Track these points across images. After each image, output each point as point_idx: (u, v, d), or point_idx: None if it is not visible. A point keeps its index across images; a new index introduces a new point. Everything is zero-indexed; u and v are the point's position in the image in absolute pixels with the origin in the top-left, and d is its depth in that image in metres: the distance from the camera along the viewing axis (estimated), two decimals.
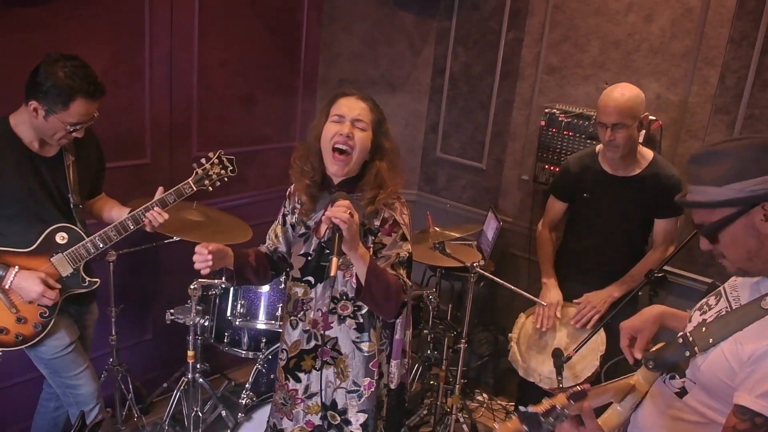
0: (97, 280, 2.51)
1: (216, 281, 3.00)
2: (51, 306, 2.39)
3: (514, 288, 2.92)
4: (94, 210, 2.68)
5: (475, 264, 2.93)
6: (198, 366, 3.06)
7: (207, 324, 3.04)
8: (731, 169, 1.38)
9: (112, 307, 3.10)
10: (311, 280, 2.07)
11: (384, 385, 2.13)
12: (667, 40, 3.17)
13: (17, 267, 2.32)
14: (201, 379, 3.09)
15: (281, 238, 2.19)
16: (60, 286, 2.39)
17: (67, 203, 2.44)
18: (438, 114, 4.16)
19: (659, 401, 1.56)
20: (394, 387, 2.14)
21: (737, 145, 1.39)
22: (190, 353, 2.94)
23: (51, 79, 2.18)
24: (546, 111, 3.49)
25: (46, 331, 2.41)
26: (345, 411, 2.09)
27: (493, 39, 3.81)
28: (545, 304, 2.88)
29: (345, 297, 2.03)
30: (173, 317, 2.95)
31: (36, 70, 2.21)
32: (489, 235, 3.50)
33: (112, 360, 3.18)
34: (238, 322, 3.00)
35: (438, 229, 3.43)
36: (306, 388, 2.12)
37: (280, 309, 2.95)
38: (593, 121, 3.20)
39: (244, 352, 3.12)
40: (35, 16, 2.73)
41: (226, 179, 2.61)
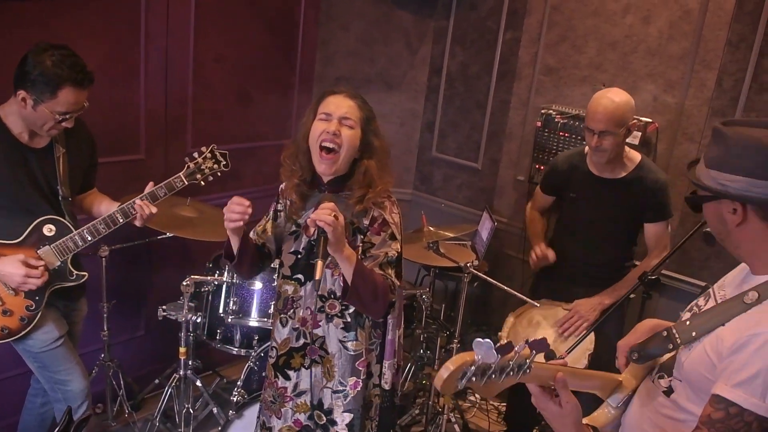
0: (85, 274, 2.48)
1: (209, 278, 2.99)
2: (38, 299, 2.37)
3: (508, 288, 2.92)
4: (84, 205, 2.65)
5: (468, 264, 2.93)
6: (190, 363, 3.05)
7: (199, 321, 3.02)
8: (719, 156, 1.41)
9: (104, 303, 3.08)
10: (301, 278, 2.06)
11: (374, 385, 2.11)
12: (664, 42, 3.16)
13: None
14: (193, 376, 3.08)
15: (271, 233, 2.17)
16: (43, 263, 2.34)
17: (56, 195, 2.42)
18: (434, 113, 4.16)
19: (648, 400, 1.56)
20: (388, 387, 2.13)
21: (738, 134, 1.40)
22: (182, 350, 2.94)
23: (39, 68, 2.16)
24: (542, 112, 3.48)
25: (32, 324, 2.39)
26: (331, 411, 2.08)
27: (490, 39, 3.81)
28: (538, 305, 2.88)
29: (333, 296, 2.02)
30: (165, 313, 2.94)
31: (24, 59, 2.19)
32: (483, 235, 3.49)
33: (103, 356, 3.17)
34: (231, 319, 2.99)
35: (432, 228, 3.43)
36: (295, 386, 2.11)
37: (272, 307, 2.94)
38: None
39: (236, 350, 3.11)
40: (31, 11, 2.71)
41: (219, 174, 2.57)
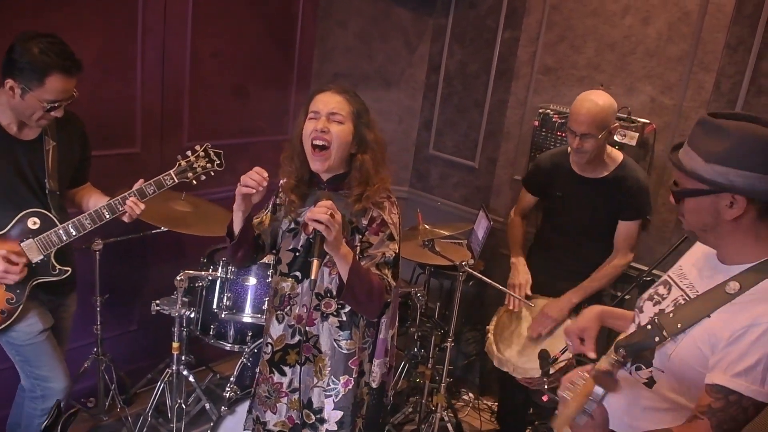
0: (68, 269, 2.44)
1: (203, 273, 2.98)
2: (18, 292, 2.33)
3: (503, 288, 2.92)
4: (77, 199, 2.62)
5: (464, 263, 2.93)
6: (183, 358, 3.04)
7: (193, 316, 3.01)
8: (723, 151, 1.41)
9: (97, 297, 3.07)
10: (298, 275, 2.06)
11: (365, 384, 2.11)
12: (663, 44, 3.16)
13: None
14: (185, 372, 3.06)
15: (268, 226, 2.16)
16: (25, 261, 2.31)
17: (43, 189, 2.38)
18: (432, 111, 4.15)
19: (627, 392, 1.58)
20: (376, 386, 2.12)
21: (741, 129, 1.41)
22: (175, 345, 2.93)
23: (26, 56, 2.13)
24: (540, 111, 3.48)
25: (13, 317, 2.35)
26: (321, 409, 2.08)
27: (489, 37, 3.80)
28: (532, 305, 2.88)
29: (329, 294, 2.01)
30: (159, 308, 2.93)
31: (11, 48, 2.17)
32: (479, 234, 3.49)
33: (96, 350, 3.16)
34: (224, 315, 2.97)
35: (428, 226, 3.42)
36: (290, 382, 2.11)
37: (266, 303, 2.93)
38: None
39: (229, 345, 3.09)
40: (27, 3, 2.69)
41: (212, 173, 2.54)
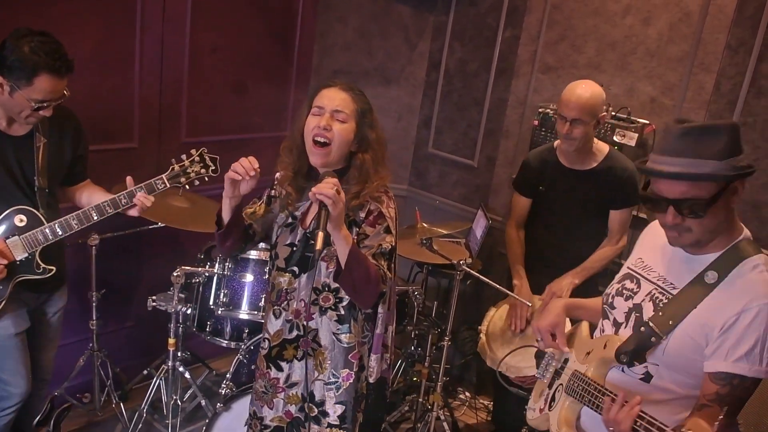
0: (53, 268, 2.39)
1: (200, 269, 2.97)
2: (1, 288, 2.30)
3: (501, 287, 2.92)
4: (76, 197, 2.58)
5: (462, 262, 2.92)
6: (179, 354, 3.03)
7: (189, 312, 3.00)
8: (727, 145, 1.47)
9: (94, 292, 3.06)
10: (296, 270, 2.05)
11: (365, 378, 2.11)
12: (663, 44, 3.15)
13: None
14: (181, 368, 3.06)
15: (261, 216, 2.15)
16: (6, 262, 2.27)
17: (32, 186, 2.34)
18: (432, 109, 4.13)
19: (626, 390, 1.60)
20: (372, 381, 2.12)
21: (725, 122, 1.49)
22: (171, 341, 2.92)
23: (16, 54, 2.10)
24: (540, 110, 3.47)
25: None
26: (323, 402, 2.08)
27: (489, 36, 3.78)
28: (529, 305, 2.88)
29: (327, 288, 2.01)
30: (155, 304, 2.92)
31: (2, 44, 2.14)
32: (478, 233, 3.49)
33: (92, 345, 3.15)
34: (221, 311, 2.96)
35: (426, 225, 3.41)
36: (287, 377, 2.10)
37: (263, 300, 2.92)
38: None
39: (226, 342, 3.08)
40: None
41: (207, 179, 2.46)
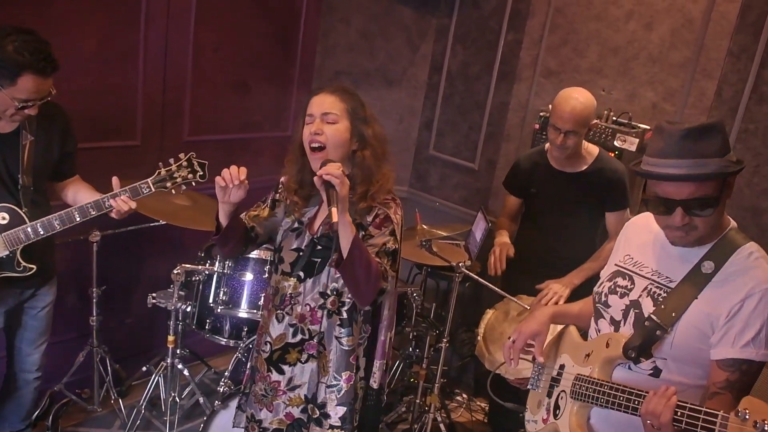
0: (33, 267, 2.37)
1: (200, 267, 2.98)
2: None
3: (499, 290, 2.91)
4: (64, 192, 2.57)
5: (461, 264, 2.93)
6: (178, 351, 3.04)
7: (189, 310, 3.01)
8: (722, 142, 1.51)
9: (94, 288, 3.07)
10: (301, 274, 2.06)
11: (360, 378, 2.12)
12: (666, 50, 3.16)
13: None
14: (180, 365, 3.06)
15: (264, 219, 2.15)
16: None
17: (16, 183, 2.33)
18: (433, 111, 4.14)
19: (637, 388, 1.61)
20: (376, 387, 2.14)
21: (716, 121, 1.53)
22: (171, 338, 2.92)
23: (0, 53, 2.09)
24: (541, 114, 3.47)
25: None
26: (324, 405, 2.08)
27: (492, 39, 3.79)
28: (527, 307, 2.88)
29: (334, 293, 2.02)
30: (155, 301, 2.92)
31: None
32: (477, 235, 3.49)
33: (91, 341, 3.16)
34: (220, 310, 2.97)
35: (426, 227, 3.42)
36: (289, 380, 2.10)
37: (262, 299, 2.93)
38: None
39: (224, 340, 3.08)
40: None
41: (194, 184, 2.40)
